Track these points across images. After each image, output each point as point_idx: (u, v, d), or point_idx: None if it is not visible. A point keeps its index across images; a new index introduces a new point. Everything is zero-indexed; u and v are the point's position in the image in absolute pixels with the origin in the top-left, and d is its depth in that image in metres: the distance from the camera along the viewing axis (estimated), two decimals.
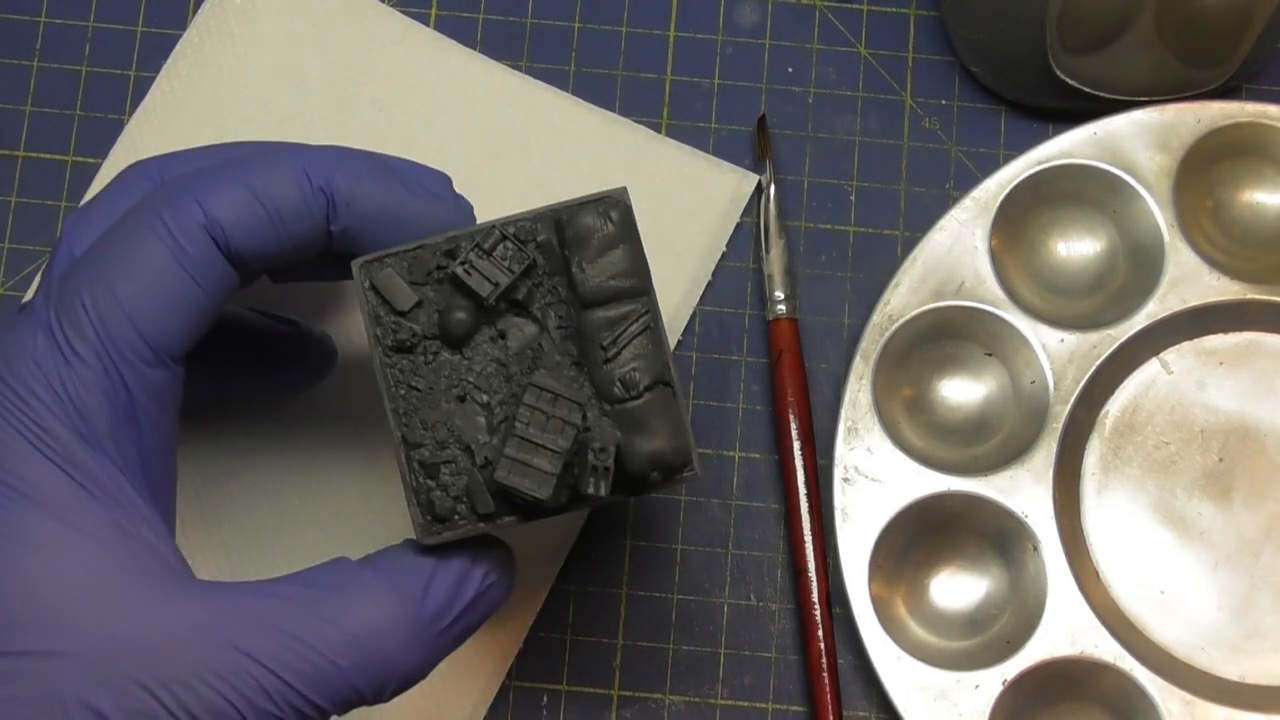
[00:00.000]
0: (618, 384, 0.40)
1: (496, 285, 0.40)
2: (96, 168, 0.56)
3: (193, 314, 0.40)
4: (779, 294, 0.54)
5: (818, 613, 0.52)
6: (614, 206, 0.41)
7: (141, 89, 0.56)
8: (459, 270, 0.40)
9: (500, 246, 0.40)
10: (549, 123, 0.56)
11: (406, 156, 0.55)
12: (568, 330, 0.41)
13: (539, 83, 0.57)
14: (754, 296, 0.56)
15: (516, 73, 0.57)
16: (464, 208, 0.44)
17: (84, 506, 0.38)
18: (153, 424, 0.40)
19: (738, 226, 0.56)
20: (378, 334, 0.41)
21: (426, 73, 0.56)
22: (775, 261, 0.55)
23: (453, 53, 0.57)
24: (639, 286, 0.41)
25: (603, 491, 0.39)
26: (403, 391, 0.40)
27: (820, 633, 0.52)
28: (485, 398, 0.41)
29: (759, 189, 0.56)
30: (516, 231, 0.41)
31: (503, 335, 0.41)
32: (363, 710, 0.51)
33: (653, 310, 0.41)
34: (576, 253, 0.41)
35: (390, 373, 0.41)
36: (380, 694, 0.39)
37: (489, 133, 0.56)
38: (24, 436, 0.38)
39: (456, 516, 0.40)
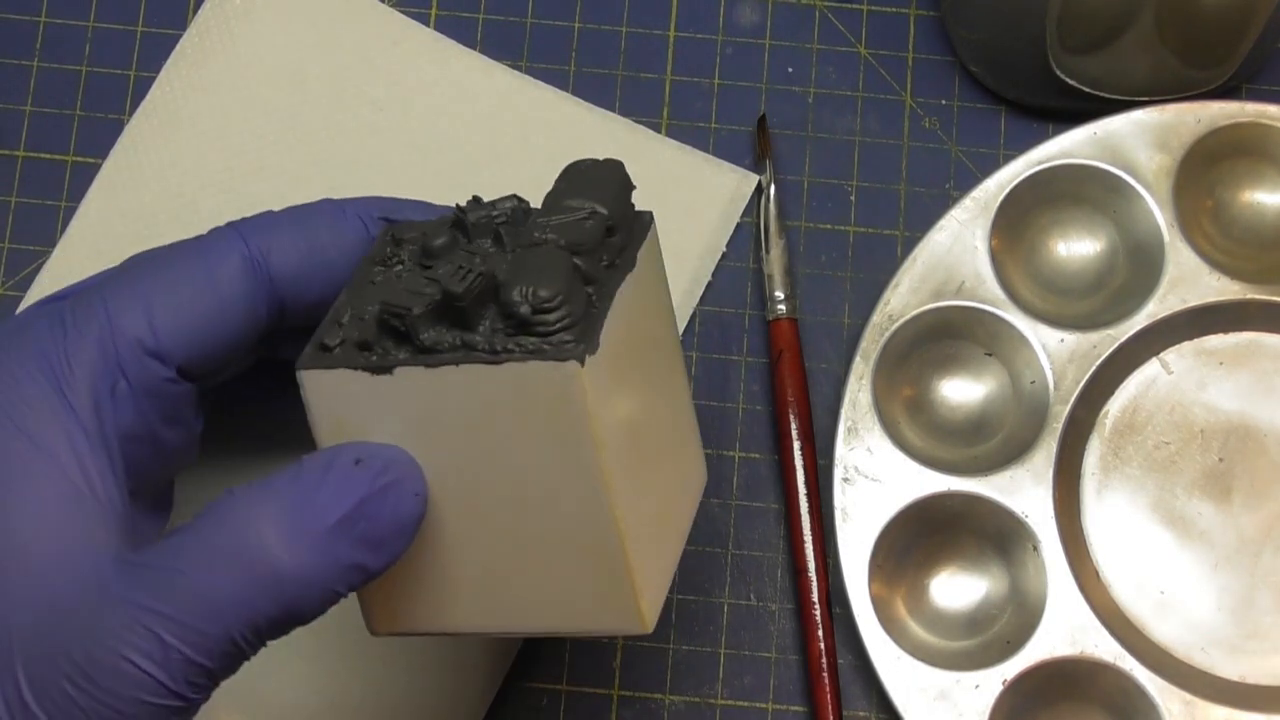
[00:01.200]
0: (556, 222, 0.40)
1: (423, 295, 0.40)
2: (96, 168, 0.56)
3: (207, 325, 0.40)
4: (779, 294, 0.54)
5: (818, 613, 0.52)
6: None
7: (141, 89, 0.56)
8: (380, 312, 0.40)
9: (397, 291, 0.40)
10: (549, 123, 0.56)
11: (406, 156, 0.55)
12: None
13: (539, 83, 0.57)
14: (754, 296, 0.56)
15: (516, 73, 0.57)
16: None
17: (35, 468, 0.38)
18: (149, 421, 0.40)
19: (738, 226, 0.56)
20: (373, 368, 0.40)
21: (426, 73, 0.56)
22: (775, 261, 0.55)
23: (453, 53, 0.57)
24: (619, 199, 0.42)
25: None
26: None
27: (820, 633, 0.52)
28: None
29: (759, 189, 0.56)
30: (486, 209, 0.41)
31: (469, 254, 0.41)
32: (363, 705, 0.51)
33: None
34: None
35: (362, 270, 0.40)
36: (291, 611, 0.37)
37: (489, 133, 0.56)
38: (7, 416, 0.38)
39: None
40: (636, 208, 0.43)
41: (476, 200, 0.42)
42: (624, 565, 0.40)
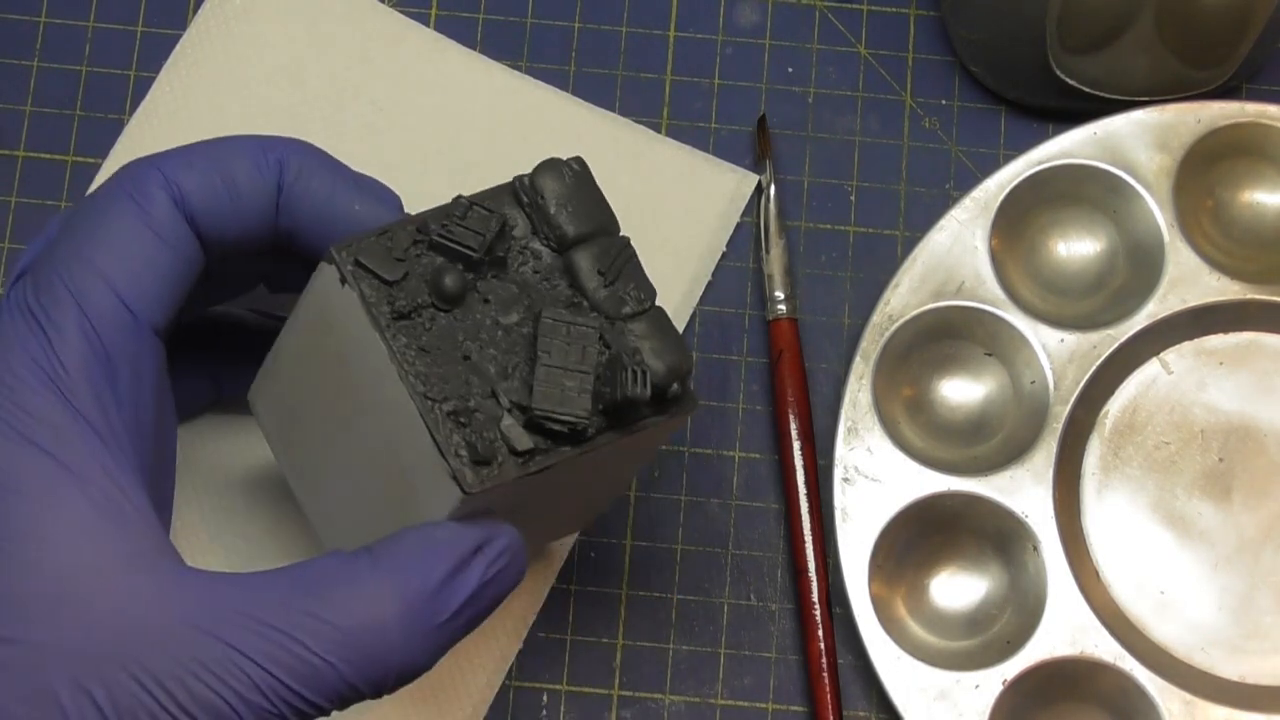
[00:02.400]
0: (628, 299, 0.41)
1: (484, 235, 0.40)
2: (96, 168, 0.56)
3: (167, 276, 0.40)
4: (779, 294, 0.54)
5: (818, 613, 0.52)
6: (571, 162, 0.42)
7: (141, 89, 0.56)
8: (439, 237, 0.40)
9: (469, 214, 0.41)
10: (549, 123, 0.56)
11: (406, 156, 0.55)
12: (551, 282, 0.42)
13: (539, 83, 0.57)
14: (754, 296, 0.56)
15: (516, 73, 0.57)
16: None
17: (67, 492, 0.37)
18: (141, 400, 0.40)
19: (738, 226, 0.56)
20: (372, 306, 0.40)
21: (426, 73, 0.56)
22: (775, 261, 0.55)
23: (452, 53, 0.57)
24: (613, 224, 0.42)
25: (644, 391, 0.39)
26: (412, 354, 0.40)
27: (820, 633, 0.52)
28: (492, 351, 0.40)
29: (759, 189, 0.56)
30: (480, 200, 0.41)
31: (487, 300, 0.41)
32: (362, 709, 0.51)
33: (630, 246, 0.42)
34: (550, 203, 0.42)
35: (396, 340, 0.40)
36: (380, 689, 0.38)
37: (489, 133, 0.56)
38: (8, 423, 0.38)
39: (498, 459, 0.39)
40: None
41: (451, 225, 0.41)
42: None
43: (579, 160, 0.43)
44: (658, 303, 0.42)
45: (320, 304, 0.41)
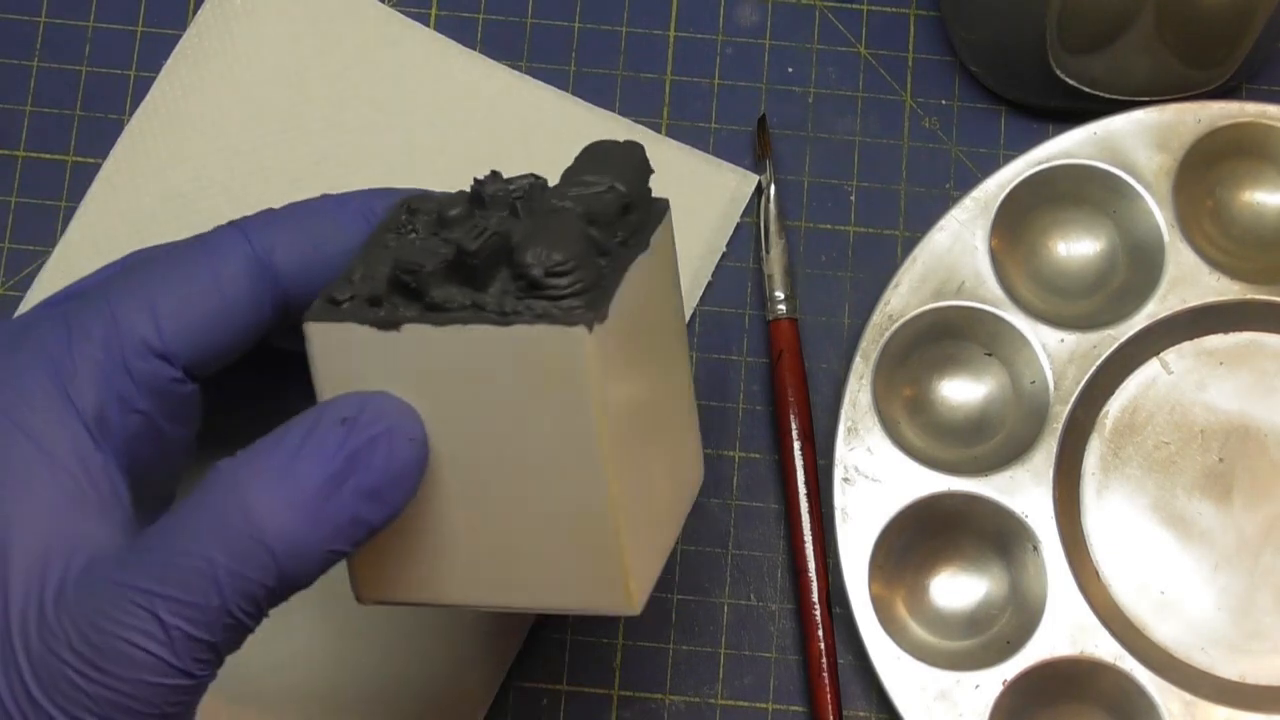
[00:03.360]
0: (574, 194, 0.41)
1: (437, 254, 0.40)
2: (96, 168, 0.56)
3: (211, 324, 0.40)
4: (779, 294, 0.54)
5: (818, 612, 0.52)
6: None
7: (141, 89, 0.56)
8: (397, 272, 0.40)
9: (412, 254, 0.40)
10: (549, 123, 0.56)
11: (406, 156, 0.55)
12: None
13: (539, 83, 0.57)
14: (754, 296, 0.56)
15: (516, 73, 0.57)
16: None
17: (43, 479, 0.38)
18: (152, 421, 0.40)
19: (737, 226, 0.56)
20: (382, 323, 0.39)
21: (426, 73, 0.56)
22: (775, 261, 0.55)
23: (453, 53, 0.57)
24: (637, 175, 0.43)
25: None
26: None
27: (820, 632, 0.52)
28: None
29: (759, 189, 0.56)
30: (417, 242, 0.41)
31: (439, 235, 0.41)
32: (361, 709, 0.51)
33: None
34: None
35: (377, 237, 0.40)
36: (286, 576, 0.37)
37: (489, 133, 0.56)
38: (6, 414, 0.38)
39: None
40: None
41: (495, 174, 0.42)
42: (616, 542, 0.40)
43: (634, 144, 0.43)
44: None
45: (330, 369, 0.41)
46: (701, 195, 0.56)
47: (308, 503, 0.37)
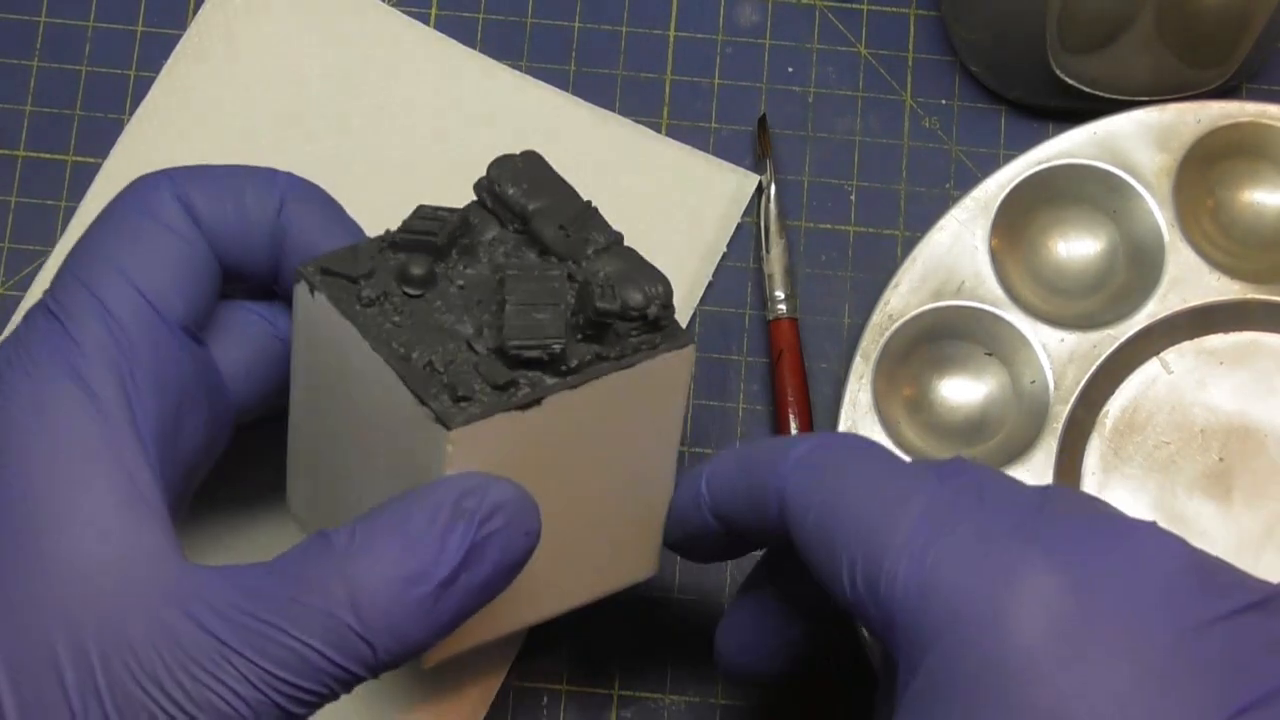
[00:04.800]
0: (592, 240, 0.42)
1: (444, 221, 0.41)
2: (96, 168, 0.56)
3: (185, 271, 0.41)
4: (779, 294, 0.54)
5: None
6: (521, 154, 0.43)
7: (141, 89, 0.56)
8: (400, 235, 0.41)
9: (433, 215, 0.42)
10: (549, 122, 0.56)
11: (406, 156, 0.55)
12: (519, 254, 0.42)
13: (539, 82, 0.57)
14: (754, 296, 0.56)
15: (516, 72, 0.57)
16: None
17: (83, 481, 0.37)
18: (166, 391, 0.39)
19: (738, 226, 0.56)
20: (340, 301, 0.40)
21: (426, 72, 0.56)
22: (775, 261, 0.55)
23: (453, 52, 0.57)
24: (573, 196, 0.43)
25: (616, 303, 0.39)
26: (386, 326, 0.40)
27: None
28: (466, 318, 0.41)
29: (759, 189, 0.56)
30: (438, 208, 0.42)
31: (460, 286, 0.41)
32: (362, 708, 0.51)
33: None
34: (505, 186, 0.42)
35: (367, 319, 0.40)
36: (374, 668, 0.37)
37: (489, 132, 0.56)
38: (22, 407, 0.38)
39: (477, 392, 0.38)
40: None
41: (412, 222, 0.42)
42: (660, 521, 0.44)
43: (529, 152, 0.44)
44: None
45: (304, 330, 0.42)
46: (702, 195, 0.56)
47: (422, 601, 0.37)
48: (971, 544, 0.37)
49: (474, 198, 0.44)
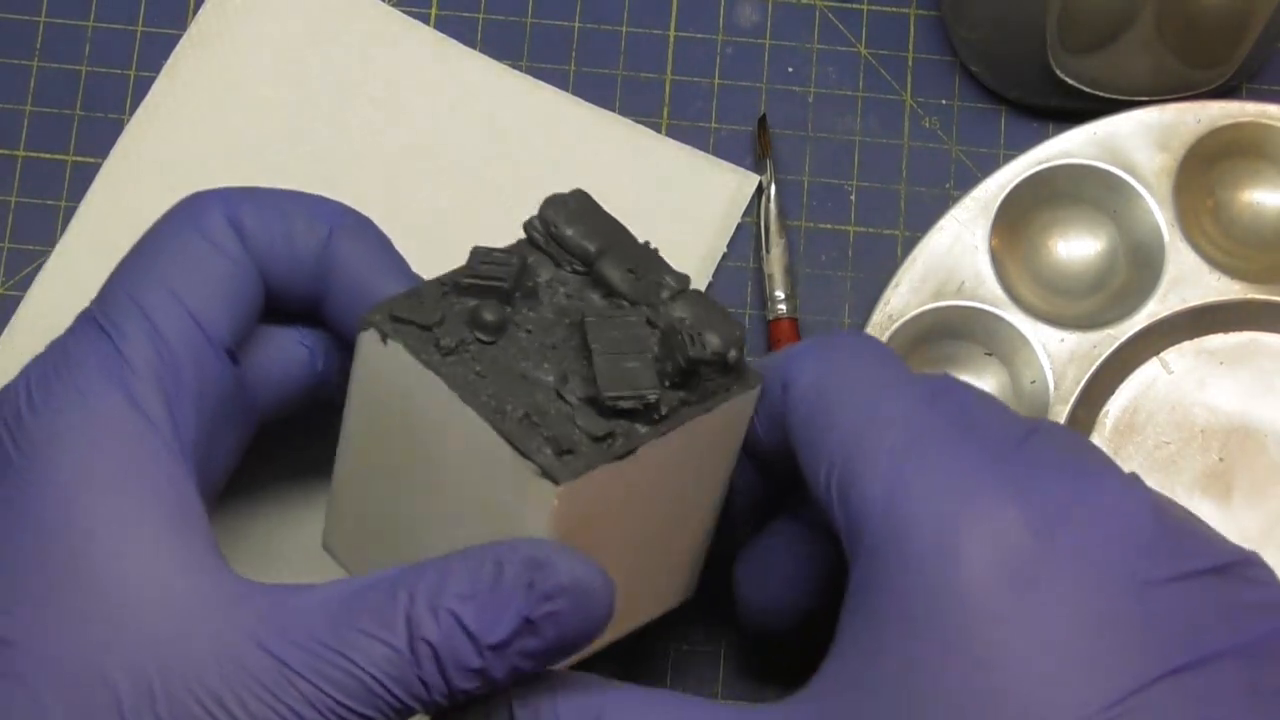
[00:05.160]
0: (664, 285, 0.42)
1: (509, 267, 0.41)
2: (97, 168, 0.56)
3: (233, 294, 0.41)
4: (779, 294, 0.54)
5: None
6: (571, 194, 0.43)
7: (141, 89, 0.56)
8: (467, 280, 0.41)
9: (490, 258, 0.42)
10: (551, 123, 0.56)
11: (407, 156, 0.55)
12: (584, 298, 0.42)
13: (539, 82, 0.57)
14: (754, 296, 0.56)
15: (517, 72, 0.57)
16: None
17: (135, 500, 0.37)
18: (205, 411, 0.40)
19: (738, 226, 0.56)
20: (418, 351, 0.40)
21: (427, 73, 0.56)
22: (775, 261, 0.55)
23: (453, 52, 0.57)
24: (629, 236, 0.43)
25: (705, 350, 0.40)
26: (471, 376, 0.40)
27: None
28: (546, 365, 0.41)
29: (759, 189, 0.56)
30: (493, 249, 0.42)
31: (528, 330, 0.41)
32: None
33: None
34: (564, 227, 0.43)
35: (451, 371, 0.40)
36: (430, 707, 0.38)
37: (489, 132, 0.56)
38: (73, 426, 0.38)
39: (581, 447, 0.39)
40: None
41: (476, 266, 0.42)
42: (705, 543, 0.46)
43: (579, 191, 0.44)
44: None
45: (369, 376, 0.41)
46: (702, 195, 0.56)
47: (483, 667, 0.37)
48: (943, 472, 0.38)
49: (517, 234, 0.44)
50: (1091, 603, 0.36)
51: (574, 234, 0.43)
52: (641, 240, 0.44)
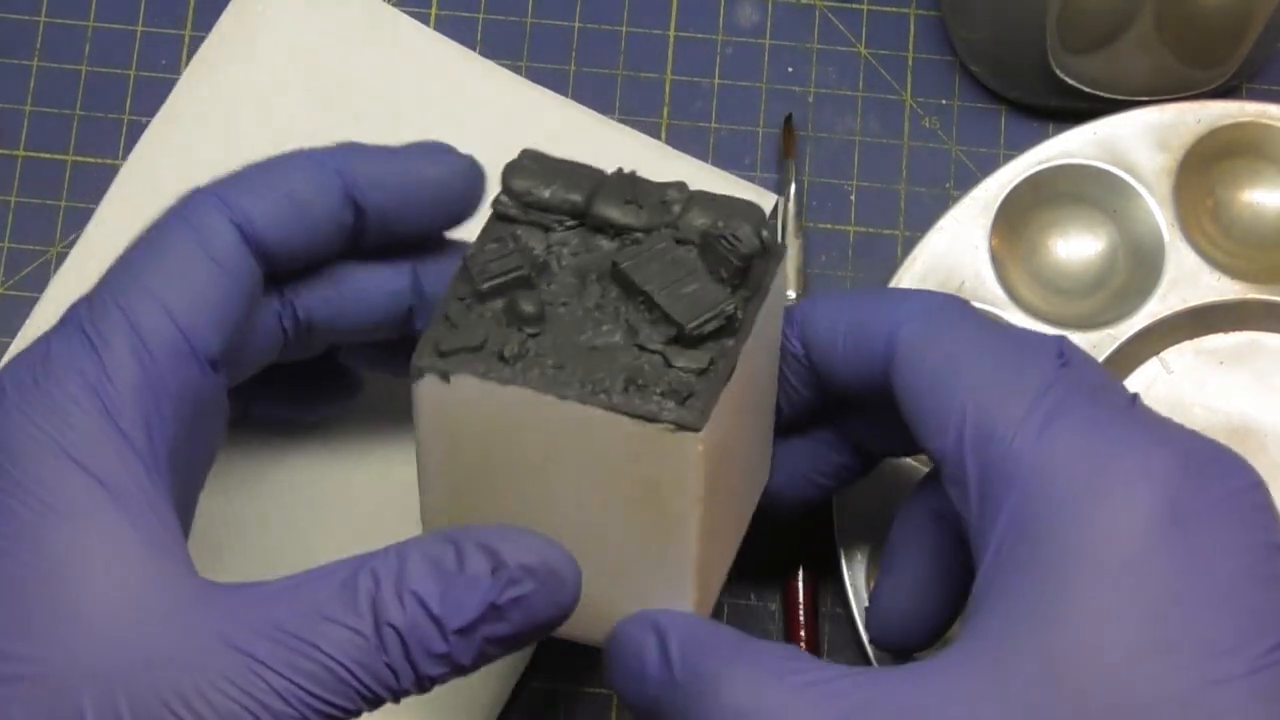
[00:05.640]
0: (668, 199, 0.41)
1: (510, 251, 0.41)
2: (96, 168, 0.56)
3: (223, 304, 0.40)
4: (791, 294, 0.54)
5: (801, 614, 0.52)
6: (522, 155, 0.43)
7: (141, 89, 0.57)
8: (485, 284, 0.40)
9: (484, 255, 0.41)
10: (568, 139, 0.55)
11: None
12: (593, 247, 0.41)
13: (563, 99, 0.56)
14: None
15: (538, 87, 0.56)
16: (472, 162, 0.45)
17: (106, 513, 0.37)
18: (184, 424, 0.39)
19: None
20: (484, 372, 0.39)
21: (444, 83, 0.56)
22: (790, 261, 0.55)
23: (472, 64, 0.56)
24: (599, 172, 0.43)
25: (756, 240, 0.39)
26: (549, 373, 0.39)
27: (802, 633, 0.52)
28: (605, 328, 0.40)
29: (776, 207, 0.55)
30: (478, 241, 0.42)
31: (563, 303, 0.40)
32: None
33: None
34: (540, 189, 0.42)
35: (529, 376, 0.39)
36: (399, 694, 0.38)
37: (504, 145, 0.55)
38: (50, 437, 0.38)
39: (695, 388, 0.38)
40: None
41: (480, 266, 0.41)
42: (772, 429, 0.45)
43: (528, 150, 0.43)
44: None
45: (440, 422, 0.40)
46: None
47: (439, 641, 0.37)
48: (1088, 422, 0.38)
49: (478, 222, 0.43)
50: (1246, 556, 0.37)
51: (553, 193, 0.42)
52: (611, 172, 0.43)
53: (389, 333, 0.46)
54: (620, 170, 0.43)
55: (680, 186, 0.42)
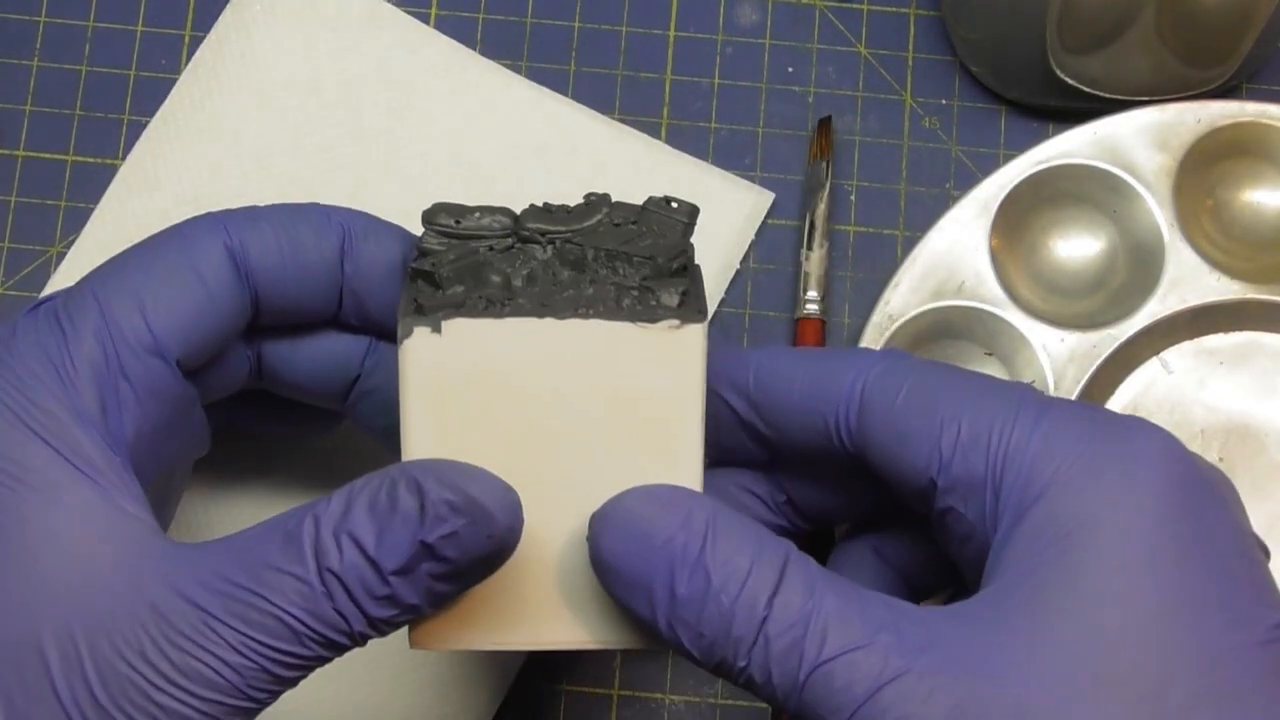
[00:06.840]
0: (575, 209, 0.42)
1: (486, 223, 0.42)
2: (96, 168, 0.56)
3: (200, 317, 0.41)
4: (813, 294, 0.54)
5: None
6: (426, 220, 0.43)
7: (141, 89, 0.57)
8: (462, 232, 0.41)
9: (461, 221, 0.42)
10: (567, 137, 0.56)
11: (422, 165, 0.56)
12: (543, 250, 0.42)
13: (558, 95, 0.56)
14: (754, 298, 0.56)
15: (538, 87, 0.56)
16: None
17: (62, 473, 0.38)
18: (153, 418, 0.40)
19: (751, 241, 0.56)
20: (480, 311, 0.40)
21: (444, 82, 0.56)
22: (817, 262, 0.54)
23: (471, 63, 0.56)
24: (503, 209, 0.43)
25: (680, 201, 0.42)
26: (546, 301, 0.40)
27: None
28: (585, 279, 0.41)
29: (813, 187, 0.55)
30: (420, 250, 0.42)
31: (535, 284, 0.41)
32: (370, 707, 0.51)
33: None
34: (464, 219, 0.42)
35: (518, 307, 0.40)
36: (354, 638, 0.38)
37: (505, 144, 0.56)
38: (14, 412, 0.38)
39: (686, 292, 0.40)
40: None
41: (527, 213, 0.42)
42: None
43: (426, 211, 0.43)
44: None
45: (433, 375, 0.40)
46: (719, 212, 0.55)
47: (380, 583, 0.37)
48: (1080, 418, 0.39)
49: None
50: (1236, 531, 0.39)
51: (478, 219, 0.42)
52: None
53: (324, 401, 0.46)
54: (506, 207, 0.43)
55: (606, 198, 0.43)
